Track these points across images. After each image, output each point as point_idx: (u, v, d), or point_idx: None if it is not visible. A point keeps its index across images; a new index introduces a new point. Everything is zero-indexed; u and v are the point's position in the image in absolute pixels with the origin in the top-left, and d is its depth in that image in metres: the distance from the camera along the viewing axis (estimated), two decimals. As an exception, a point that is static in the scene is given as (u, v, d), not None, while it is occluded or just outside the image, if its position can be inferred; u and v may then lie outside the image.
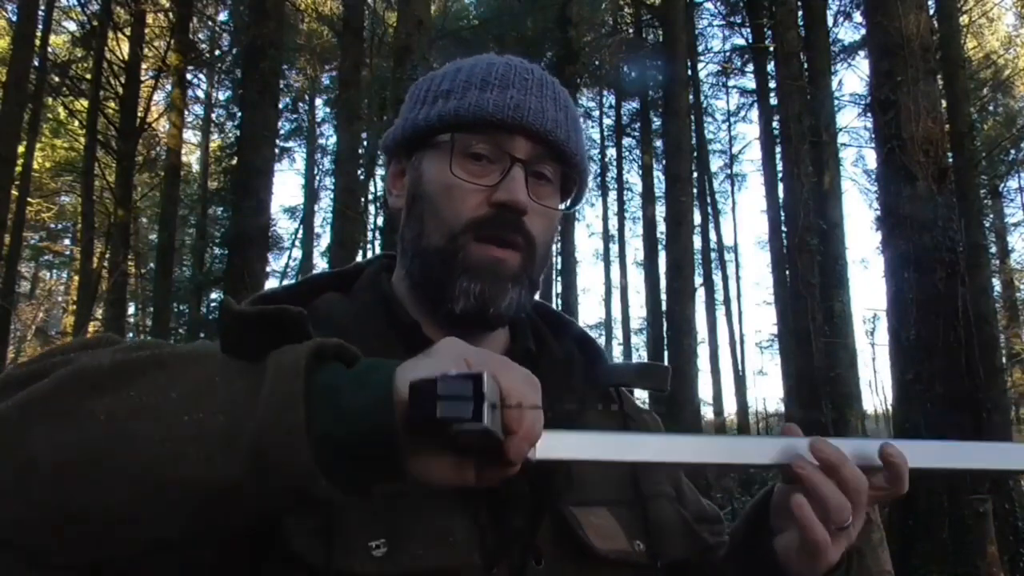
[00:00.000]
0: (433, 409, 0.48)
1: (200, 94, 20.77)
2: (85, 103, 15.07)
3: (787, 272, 11.16)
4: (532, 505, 0.68)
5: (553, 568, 0.67)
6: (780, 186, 12.10)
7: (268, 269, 10.88)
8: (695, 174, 16.89)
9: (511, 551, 0.65)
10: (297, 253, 20.92)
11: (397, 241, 0.81)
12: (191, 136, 21.49)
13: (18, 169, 11.82)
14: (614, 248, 23.64)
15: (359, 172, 12.04)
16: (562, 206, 0.80)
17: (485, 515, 0.66)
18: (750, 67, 17.41)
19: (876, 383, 42.62)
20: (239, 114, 11.18)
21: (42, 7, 12.02)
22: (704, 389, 22.24)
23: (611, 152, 21.12)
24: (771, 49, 13.10)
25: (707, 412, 20.84)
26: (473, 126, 0.73)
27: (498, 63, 0.77)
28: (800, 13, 11.33)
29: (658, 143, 18.21)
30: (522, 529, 0.67)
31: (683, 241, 11.77)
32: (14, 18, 11.67)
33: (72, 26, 15.66)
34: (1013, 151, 18.56)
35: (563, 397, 0.75)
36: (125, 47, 14.94)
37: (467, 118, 0.73)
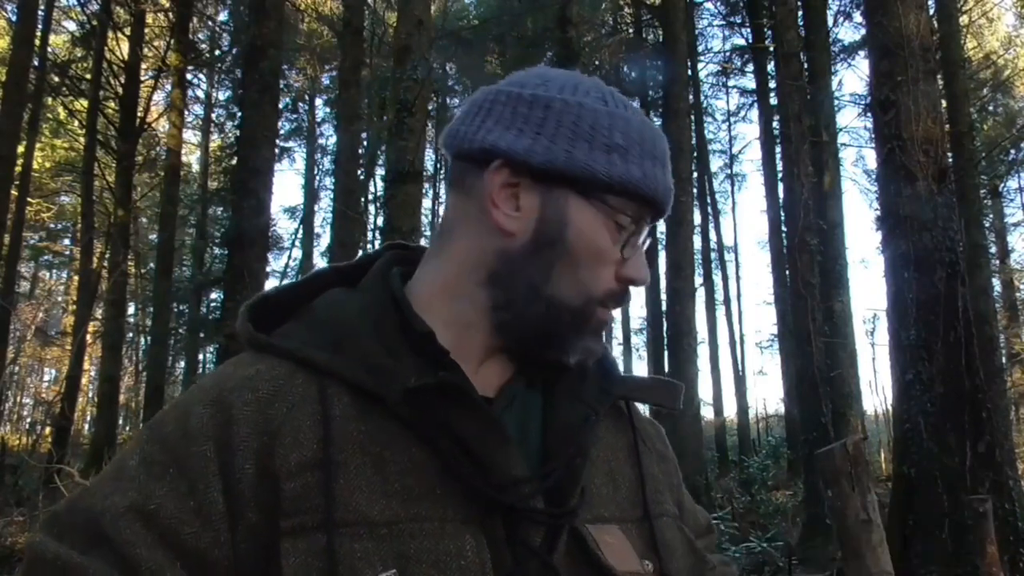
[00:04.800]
0: None
1: (200, 94, 20.80)
2: (85, 103, 15.08)
3: (787, 272, 11.16)
4: (549, 522, 0.66)
5: None
6: (780, 186, 12.10)
7: (268, 269, 10.89)
8: (695, 174, 16.88)
9: (528, 571, 0.63)
10: (297, 253, 20.98)
11: (468, 253, 0.73)
12: (191, 136, 21.52)
13: (18, 169, 11.82)
14: (614, 248, 23.61)
15: (359, 172, 12.04)
16: None
17: (500, 533, 0.64)
18: (750, 67, 17.43)
19: (876, 383, 42.64)
20: (239, 114, 11.18)
21: (42, 7, 12.03)
22: (704, 389, 22.25)
23: (611, 152, 21.10)
24: (771, 49, 13.10)
25: (707, 412, 20.87)
26: (635, 198, 0.72)
27: (654, 129, 0.75)
28: (800, 13, 11.33)
29: (658, 143, 18.18)
30: (539, 548, 0.65)
31: (683, 241, 11.77)
32: (14, 18, 11.67)
33: (72, 26, 15.69)
34: (1013, 151, 18.56)
35: (574, 406, 0.74)
36: (125, 47, 14.95)
37: (642, 194, 0.72)
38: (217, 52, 18.50)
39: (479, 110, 0.74)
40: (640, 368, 26.13)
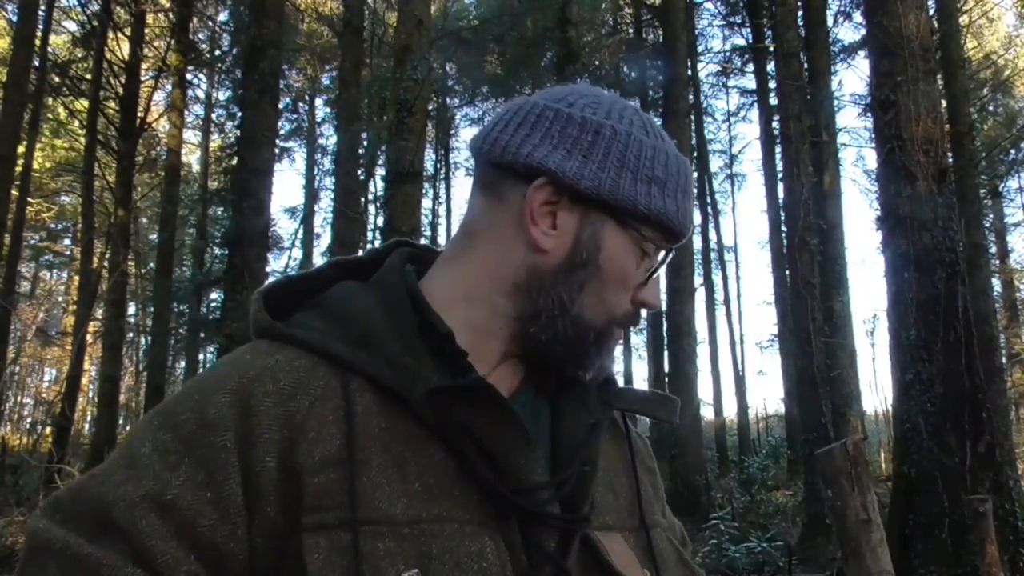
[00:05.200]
0: None
1: (200, 94, 20.80)
2: (85, 103, 15.08)
3: (787, 272, 11.16)
4: (564, 528, 0.67)
5: None
6: (780, 186, 12.11)
7: (268, 269, 10.88)
8: (695, 174, 16.86)
9: (543, 574, 0.64)
10: (297, 253, 20.93)
11: (498, 264, 0.73)
12: (191, 136, 21.51)
13: (18, 169, 11.83)
14: (614, 248, 23.60)
15: (359, 172, 12.04)
16: None
17: (516, 537, 0.64)
18: (750, 67, 17.43)
19: (876, 383, 42.69)
20: (239, 114, 11.18)
21: (42, 7, 12.03)
22: (704, 389, 22.32)
23: (611, 152, 21.12)
24: (771, 49, 13.10)
25: (707, 412, 20.86)
26: (664, 230, 0.75)
27: (684, 161, 0.78)
28: (800, 13, 11.34)
29: (658, 143, 18.19)
30: (553, 553, 0.65)
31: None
32: (14, 18, 11.67)
33: (72, 26, 15.67)
34: (1013, 151, 18.57)
35: (581, 415, 0.74)
36: (125, 47, 14.95)
37: (669, 226, 0.74)
38: (217, 52, 18.51)
39: (523, 122, 0.74)
40: (640, 368, 26.15)
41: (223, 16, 18.06)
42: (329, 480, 0.60)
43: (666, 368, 12.94)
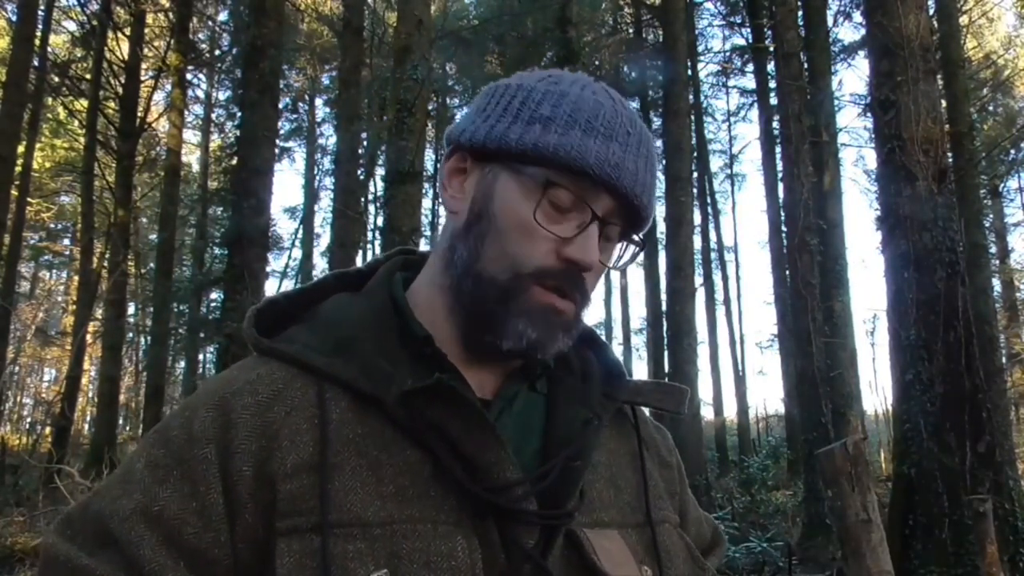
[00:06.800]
0: None
1: (200, 94, 20.80)
2: (85, 103, 15.08)
3: (787, 272, 11.16)
4: (544, 525, 0.66)
5: None
6: (780, 186, 12.10)
7: (268, 269, 10.87)
8: (695, 174, 16.89)
9: (521, 573, 0.64)
10: (297, 253, 20.94)
11: (441, 242, 0.76)
12: (191, 136, 21.51)
13: (18, 169, 11.82)
14: (614, 248, 23.57)
15: (359, 172, 12.04)
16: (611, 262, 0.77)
17: (494, 535, 0.64)
18: (750, 67, 17.43)
19: (876, 383, 42.69)
20: (239, 114, 11.18)
21: (42, 7, 12.03)
22: (704, 389, 22.27)
23: (611, 152, 21.11)
24: (771, 49, 13.10)
25: (707, 412, 20.87)
26: (567, 171, 0.68)
27: (606, 106, 0.71)
28: (800, 13, 11.33)
29: (658, 143, 18.20)
30: (532, 550, 0.65)
31: (683, 241, 11.77)
32: (14, 18, 11.67)
33: (72, 26, 15.67)
34: (1013, 151, 18.58)
35: (576, 410, 0.74)
36: (125, 47, 14.96)
37: (565, 162, 0.68)
38: (217, 52, 18.51)
39: (469, 108, 0.77)
40: (640, 368, 26.13)
41: (223, 16, 18.06)
42: (302, 486, 0.62)
43: (666, 368, 12.92)
